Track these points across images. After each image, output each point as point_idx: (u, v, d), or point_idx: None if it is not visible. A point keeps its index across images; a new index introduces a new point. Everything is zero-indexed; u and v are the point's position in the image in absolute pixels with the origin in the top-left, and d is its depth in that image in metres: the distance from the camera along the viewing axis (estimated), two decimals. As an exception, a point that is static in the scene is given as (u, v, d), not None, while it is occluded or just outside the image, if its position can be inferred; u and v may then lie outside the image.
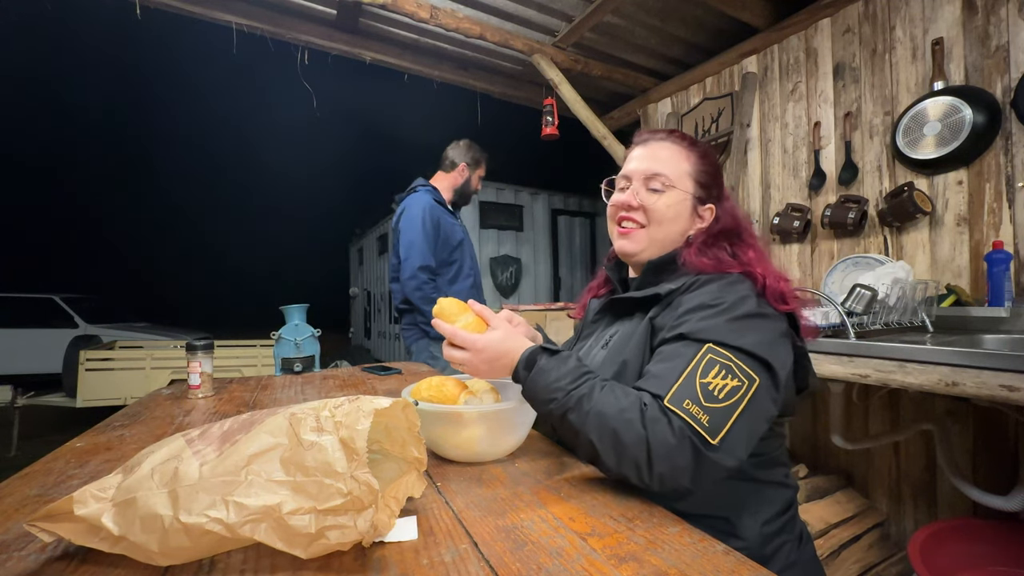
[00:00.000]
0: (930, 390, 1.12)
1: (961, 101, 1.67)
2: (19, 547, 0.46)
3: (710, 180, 0.78)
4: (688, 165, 0.77)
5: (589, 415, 0.57)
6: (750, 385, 0.58)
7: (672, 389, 0.57)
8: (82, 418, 3.43)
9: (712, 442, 0.54)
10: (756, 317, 0.64)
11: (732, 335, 0.60)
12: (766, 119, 2.40)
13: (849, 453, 1.97)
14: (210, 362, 1.18)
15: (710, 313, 0.63)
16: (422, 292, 1.92)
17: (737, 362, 0.59)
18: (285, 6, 2.36)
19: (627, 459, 0.55)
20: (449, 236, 2.04)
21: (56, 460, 0.71)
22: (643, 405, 0.56)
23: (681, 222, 0.77)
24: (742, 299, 0.64)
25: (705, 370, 0.58)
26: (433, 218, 1.99)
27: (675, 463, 0.54)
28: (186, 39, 24.26)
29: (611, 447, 0.56)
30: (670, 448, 0.54)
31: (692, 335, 0.61)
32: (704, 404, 0.56)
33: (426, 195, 2.04)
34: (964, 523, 1.44)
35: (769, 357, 0.60)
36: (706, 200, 0.78)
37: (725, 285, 0.67)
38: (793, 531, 0.70)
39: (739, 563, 0.43)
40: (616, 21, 2.46)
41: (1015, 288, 1.58)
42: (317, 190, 30.69)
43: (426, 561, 0.44)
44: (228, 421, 0.49)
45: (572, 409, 0.59)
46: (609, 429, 0.56)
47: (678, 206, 0.76)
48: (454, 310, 0.73)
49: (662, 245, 0.77)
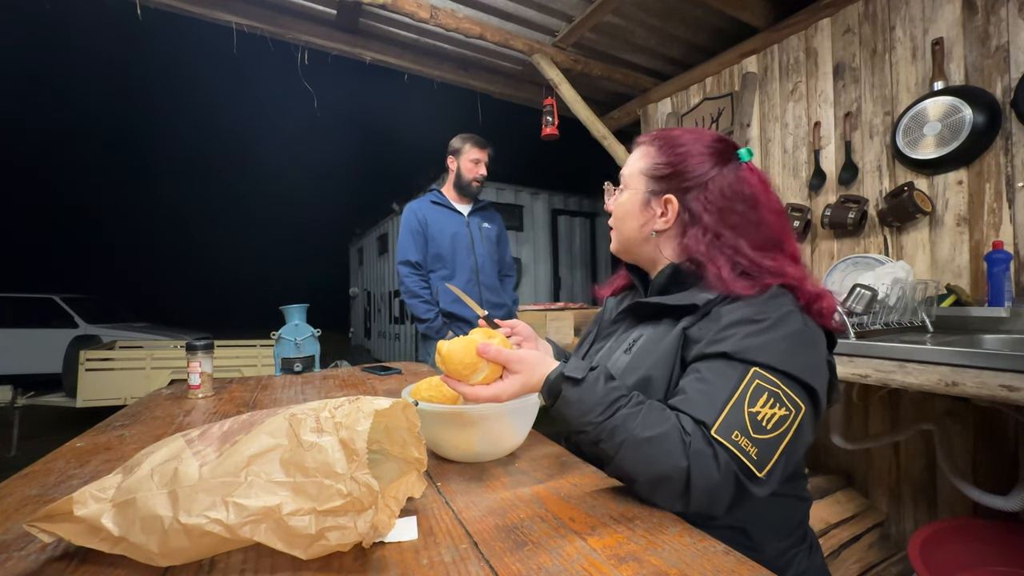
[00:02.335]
0: (930, 390, 1.12)
1: (961, 101, 1.67)
2: (19, 547, 0.46)
3: (668, 172, 0.73)
4: (644, 162, 0.76)
5: (624, 445, 0.54)
6: (797, 414, 0.56)
7: (720, 417, 0.54)
8: (82, 418, 3.42)
9: (759, 475, 0.53)
10: (801, 336, 0.61)
11: (779, 357, 0.58)
12: (766, 119, 2.40)
13: (849, 453, 1.97)
14: (210, 362, 1.18)
15: (754, 330, 0.60)
16: (404, 285, 2.10)
17: (785, 389, 0.56)
18: (285, 6, 2.36)
19: (663, 489, 0.53)
20: (440, 233, 2.11)
21: (56, 460, 0.71)
22: (684, 433, 0.53)
23: (632, 219, 0.77)
24: (787, 315, 0.62)
25: (753, 397, 0.55)
26: (419, 218, 2.12)
27: (715, 497, 0.52)
28: (186, 39, 24.26)
29: (647, 477, 0.54)
30: (713, 484, 0.52)
31: (736, 355, 0.58)
32: (753, 435, 0.53)
33: (421, 198, 2.18)
34: (964, 523, 1.44)
35: (814, 383, 0.58)
36: (662, 192, 0.73)
37: (767, 299, 0.64)
38: (805, 540, 0.70)
39: (739, 563, 0.43)
40: (616, 21, 2.46)
41: (1015, 288, 1.58)
42: (317, 190, 30.70)
43: (426, 561, 0.44)
44: (228, 421, 0.49)
45: (604, 440, 0.56)
46: (645, 458, 0.53)
47: (627, 204, 0.77)
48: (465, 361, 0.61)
49: (627, 244, 0.79)
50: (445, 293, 2.07)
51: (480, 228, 2.19)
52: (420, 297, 2.06)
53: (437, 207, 2.16)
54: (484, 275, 2.15)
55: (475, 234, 2.16)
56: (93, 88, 27.17)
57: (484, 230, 2.20)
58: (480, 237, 2.17)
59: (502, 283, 2.27)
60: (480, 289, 2.13)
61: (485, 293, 2.14)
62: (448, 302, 2.07)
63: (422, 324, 2.06)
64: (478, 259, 2.14)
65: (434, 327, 2.04)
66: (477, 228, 2.18)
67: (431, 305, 2.06)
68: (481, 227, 2.19)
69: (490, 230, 2.22)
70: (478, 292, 2.13)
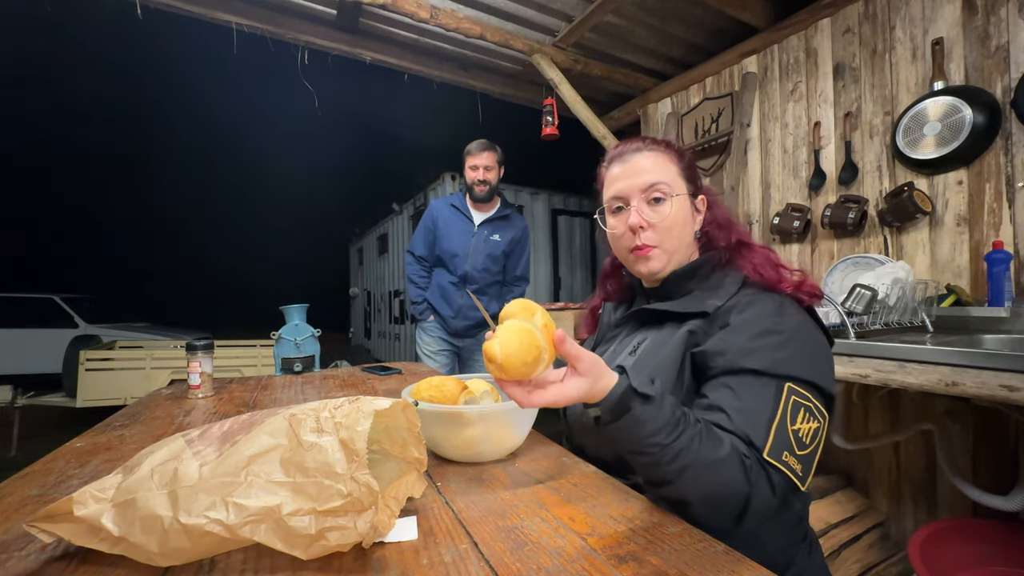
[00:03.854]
0: (930, 390, 1.12)
1: (961, 101, 1.67)
2: (19, 547, 0.46)
3: (693, 172, 0.79)
4: (675, 166, 0.76)
5: (687, 470, 0.52)
6: (825, 423, 0.58)
7: (770, 440, 0.54)
8: (82, 418, 3.42)
9: (802, 489, 0.55)
10: (819, 345, 0.64)
11: (807, 369, 0.59)
12: (766, 119, 2.40)
13: (849, 453, 1.97)
14: (210, 362, 1.18)
15: (778, 342, 0.61)
16: (407, 272, 2.38)
17: (814, 401, 0.58)
18: (285, 6, 2.36)
19: (720, 512, 0.53)
20: (445, 236, 2.24)
21: (56, 460, 0.71)
22: (744, 457, 0.53)
23: (689, 224, 0.76)
24: (801, 324, 0.64)
25: (793, 415, 0.56)
26: (434, 216, 2.30)
27: (765, 516, 0.53)
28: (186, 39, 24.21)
29: (707, 502, 0.53)
30: (768, 505, 0.53)
31: (768, 371, 0.58)
32: (798, 453, 0.55)
33: (445, 198, 2.36)
34: (964, 523, 1.44)
35: (832, 391, 0.61)
36: (696, 192, 0.78)
37: (777, 308, 0.65)
38: (805, 539, 0.70)
39: (739, 563, 0.43)
40: (616, 21, 2.46)
41: (1015, 288, 1.58)
42: (317, 190, 30.68)
43: (426, 561, 0.44)
44: (228, 421, 0.49)
45: (667, 463, 0.52)
46: (707, 483, 0.52)
47: (683, 210, 0.75)
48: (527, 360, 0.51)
49: (681, 252, 0.76)
50: (436, 287, 2.28)
51: (486, 239, 2.22)
52: (415, 283, 2.35)
53: (453, 210, 2.25)
54: (471, 284, 2.23)
55: (478, 244, 2.21)
56: (93, 88, 27.17)
57: (491, 242, 2.23)
58: (482, 248, 2.21)
59: (502, 292, 2.33)
60: (461, 293, 2.22)
61: (465, 300, 2.23)
62: (436, 296, 2.29)
63: (412, 307, 2.35)
64: (472, 269, 2.21)
65: (418, 308, 2.31)
66: (483, 239, 2.22)
67: (422, 291, 2.33)
68: (488, 238, 2.23)
69: (499, 243, 2.24)
70: (458, 295, 2.22)
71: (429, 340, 2.31)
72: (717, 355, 0.63)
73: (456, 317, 2.24)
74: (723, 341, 0.63)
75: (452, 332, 2.29)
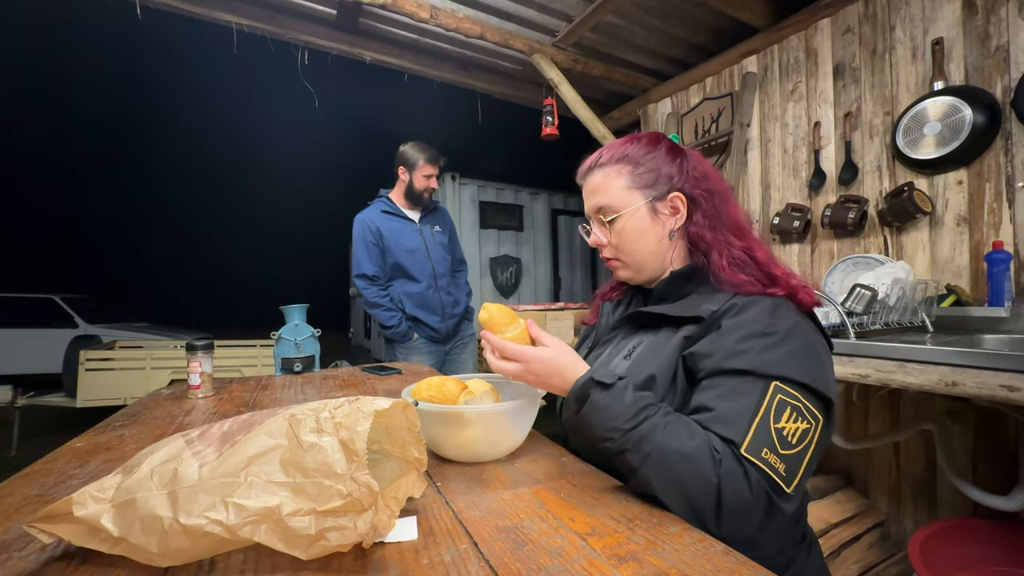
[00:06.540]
0: (930, 390, 1.12)
1: (961, 101, 1.67)
2: (19, 547, 0.46)
3: (655, 175, 0.74)
4: (624, 179, 0.74)
5: (650, 457, 0.54)
6: (817, 425, 0.57)
7: (748, 436, 0.54)
8: (82, 418, 3.43)
9: (787, 491, 0.53)
10: (812, 347, 0.62)
11: (796, 370, 0.58)
12: (766, 119, 2.40)
13: (849, 453, 1.97)
14: (210, 362, 1.18)
15: (768, 344, 0.60)
16: (363, 298, 2.13)
17: (804, 402, 0.57)
18: (285, 6, 2.36)
19: (691, 507, 0.53)
20: (396, 243, 2.14)
21: (56, 460, 0.71)
22: (714, 451, 0.53)
23: (649, 233, 0.74)
24: (795, 326, 0.63)
25: (778, 413, 0.55)
26: (372, 229, 2.13)
27: (748, 517, 0.53)
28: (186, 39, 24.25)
29: (675, 493, 0.53)
30: (746, 504, 0.52)
31: (756, 371, 0.58)
32: (780, 452, 0.54)
33: (371, 207, 2.19)
34: (964, 523, 1.44)
35: (829, 393, 0.59)
36: (664, 194, 0.74)
37: (772, 310, 0.64)
38: (804, 539, 0.70)
39: (739, 563, 0.43)
40: (616, 21, 2.46)
41: (1015, 288, 1.58)
42: (317, 190, 30.69)
43: (426, 561, 0.44)
44: (228, 422, 0.49)
45: (630, 450, 0.55)
46: (672, 474, 0.53)
47: (637, 223, 0.74)
48: (504, 320, 0.68)
49: (645, 263, 0.76)
50: (408, 299, 2.14)
51: (432, 233, 2.23)
52: (381, 306, 2.11)
53: (389, 216, 2.17)
54: (441, 279, 2.22)
55: (428, 240, 2.21)
56: (93, 88, 27.17)
57: (436, 235, 2.24)
58: (434, 243, 2.22)
59: (455, 279, 2.32)
60: (440, 294, 2.19)
61: (443, 296, 2.20)
62: (412, 307, 2.13)
63: (388, 331, 2.12)
64: (435, 265, 2.20)
65: (400, 331, 2.11)
66: (430, 234, 2.22)
67: (394, 312, 2.11)
68: (433, 232, 2.24)
69: (441, 234, 2.26)
70: (438, 296, 2.18)
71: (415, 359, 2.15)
72: (705, 357, 0.63)
73: (443, 319, 2.18)
74: (712, 344, 0.63)
75: (440, 339, 2.19)
